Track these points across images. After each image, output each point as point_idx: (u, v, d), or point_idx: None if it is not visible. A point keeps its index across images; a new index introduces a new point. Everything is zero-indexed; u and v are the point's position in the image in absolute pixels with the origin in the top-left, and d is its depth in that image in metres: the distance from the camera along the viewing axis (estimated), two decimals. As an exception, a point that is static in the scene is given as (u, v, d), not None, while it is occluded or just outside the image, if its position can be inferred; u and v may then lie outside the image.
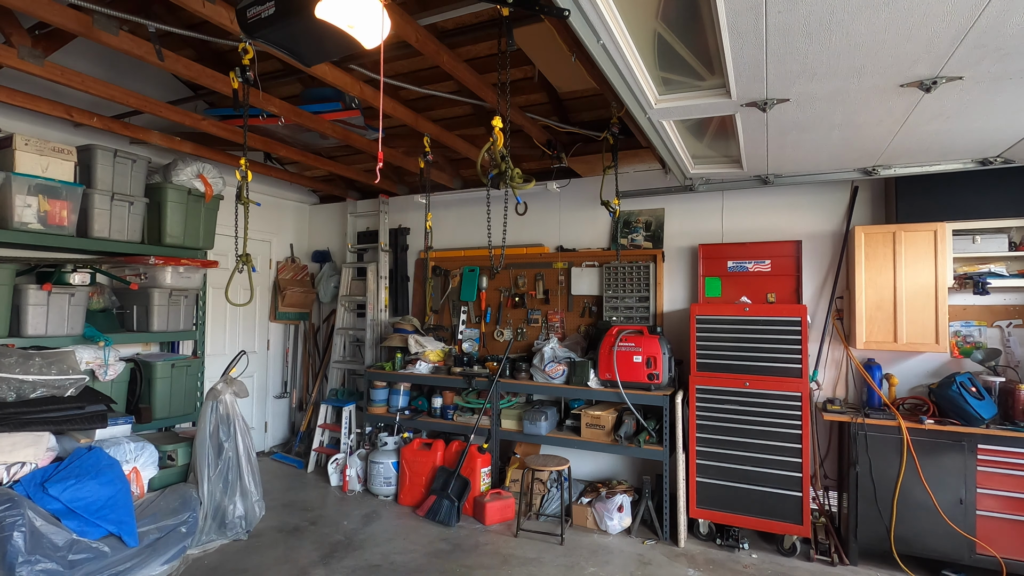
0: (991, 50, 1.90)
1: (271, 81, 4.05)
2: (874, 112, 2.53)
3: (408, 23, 2.67)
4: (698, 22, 1.95)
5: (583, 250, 4.81)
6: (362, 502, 4.41)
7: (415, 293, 5.63)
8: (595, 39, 1.95)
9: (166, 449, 3.58)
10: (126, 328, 4.00)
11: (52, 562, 2.62)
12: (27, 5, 2.38)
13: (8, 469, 2.79)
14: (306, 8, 1.89)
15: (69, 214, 3.41)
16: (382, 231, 5.59)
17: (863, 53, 1.96)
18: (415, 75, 3.88)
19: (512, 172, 2.32)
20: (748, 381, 3.62)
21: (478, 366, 4.56)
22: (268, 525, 3.88)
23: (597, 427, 4.00)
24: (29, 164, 3.26)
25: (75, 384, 3.23)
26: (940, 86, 2.18)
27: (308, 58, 2.35)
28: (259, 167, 4.93)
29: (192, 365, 4.21)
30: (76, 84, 3.08)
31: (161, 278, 4.01)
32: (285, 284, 5.82)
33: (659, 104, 2.55)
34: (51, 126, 3.93)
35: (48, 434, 3.01)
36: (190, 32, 3.07)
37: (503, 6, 2.03)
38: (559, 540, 3.72)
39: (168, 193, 3.97)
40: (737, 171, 3.73)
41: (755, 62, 2.05)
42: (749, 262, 4.17)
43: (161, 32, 2.87)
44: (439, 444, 4.40)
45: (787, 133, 2.88)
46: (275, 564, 3.36)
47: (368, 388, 4.88)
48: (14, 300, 3.30)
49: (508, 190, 2.45)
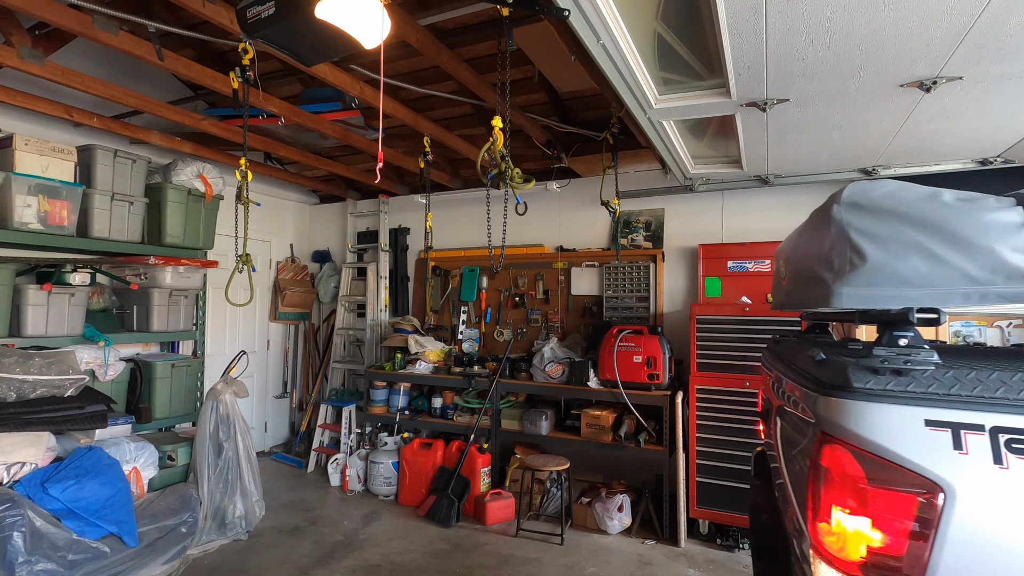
0: (991, 50, 1.89)
1: (271, 81, 4.05)
2: (874, 112, 2.53)
3: (408, 23, 2.67)
4: (698, 22, 1.95)
5: (583, 250, 4.81)
6: (362, 502, 4.41)
7: (415, 293, 5.63)
8: (595, 39, 1.95)
9: (166, 449, 3.58)
10: (126, 328, 4.00)
11: (52, 562, 2.62)
12: (27, 5, 2.38)
13: (8, 469, 2.79)
14: (306, 8, 1.89)
15: (69, 214, 3.41)
16: (382, 231, 5.59)
17: (863, 53, 1.96)
18: (415, 75, 3.89)
19: (512, 172, 2.32)
20: (748, 381, 3.62)
21: (478, 366, 4.56)
22: (268, 525, 3.88)
23: (597, 427, 4.00)
24: (29, 164, 3.26)
25: (75, 384, 3.23)
26: (940, 86, 2.18)
27: (308, 58, 2.36)
28: (259, 167, 4.94)
29: (192, 365, 4.21)
30: (76, 84, 3.08)
31: (161, 278, 4.01)
32: (285, 284, 5.82)
33: (659, 104, 2.55)
34: (51, 126, 3.93)
35: (48, 434, 3.02)
36: (190, 32, 3.07)
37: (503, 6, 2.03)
38: (559, 540, 3.72)
39: (168, 193, 3.96)
40: (737, 171, 3.72)
41: (755, 62, 2.05)
42: (749, 262, 4.17)
43: (161, 32, 2.87)
44: (439, 444, 4.40)
45: (787, 133, 2.88)
46: (275, 564, 3.36)
47: (368, 388, 4.88)
48: (14, 300, 3.30)
49: (508, 190, 2.45)
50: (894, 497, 1.15)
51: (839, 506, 1.21)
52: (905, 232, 1.27)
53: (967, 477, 1.08)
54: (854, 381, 1.23)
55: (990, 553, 1.04)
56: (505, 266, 4.99)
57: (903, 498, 1.14)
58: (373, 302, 5.44)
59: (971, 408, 1.11)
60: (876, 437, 1.17)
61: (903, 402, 1.17)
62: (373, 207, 5.76)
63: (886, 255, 1.28)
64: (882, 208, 1.31)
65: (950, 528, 1.07)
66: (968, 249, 1.22)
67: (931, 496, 1.10)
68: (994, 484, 1.05)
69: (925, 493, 1.11)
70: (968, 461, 1.08)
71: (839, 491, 1.22)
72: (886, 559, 1.14)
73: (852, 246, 1.32)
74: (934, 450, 1.11)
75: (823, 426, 1.26)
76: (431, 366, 4.74)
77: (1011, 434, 1.06)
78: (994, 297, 1.22)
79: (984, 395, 1.11)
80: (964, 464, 1.09)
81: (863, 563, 1.17)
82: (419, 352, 4.74)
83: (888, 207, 1.31)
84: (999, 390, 1.11)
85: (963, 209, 1.25)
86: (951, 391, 1.14)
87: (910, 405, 1.16)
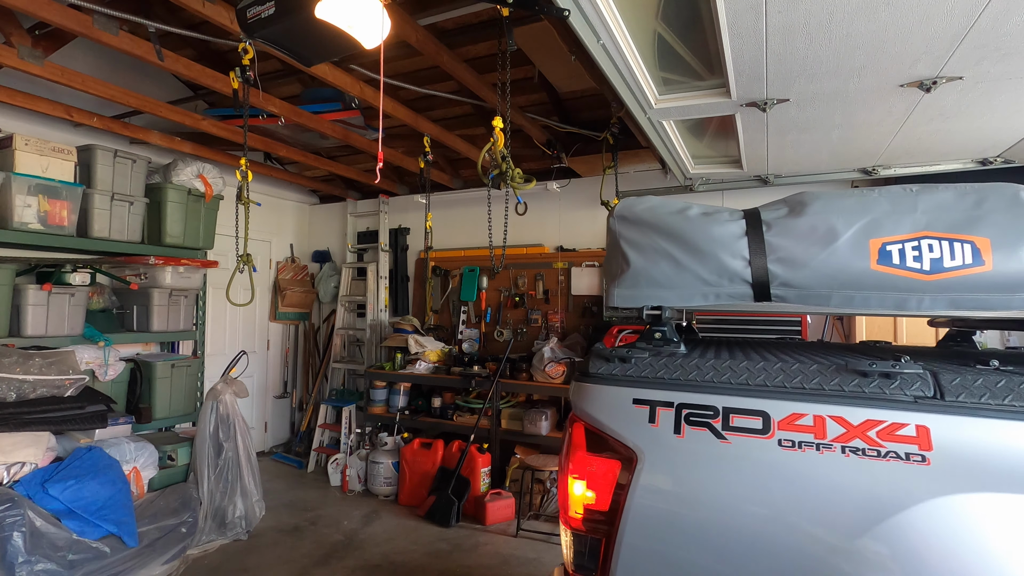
0: (991, 50, 1.89)
1: (271, 81, 4.05)
2: (874, 112, 2.53)
3: (408, 23, 2.67)
4: (698, 22, 1.95)
5: (583, 250, 4.80)
6: (362, 502, 4.41)
7: (415, 293, 5.63)
8: (595, 39, 1.95)
9: (166, 449, 3.58)
10: (126, 328, 4.00)
11: (52, 562, 2.62)
12: (27, 5, 2.38)
13: (8, 469, 2.79)
14: (306, 8, 1.89)
15: (69, 214, 3.41)
16: (382, 231, 5.59)
17: (863, 53, 1.96)
18: (415, 75, 3.88)
19: (513, 172, 2.32)
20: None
21: (478, 366, 4.56)
22: (268, 525, 3.88)
23: (597, 427, 3.99)
24: (29, 164, 3.26)
25: (75, 384, 3.23)
26: (940, 86, 2.18)
27: (308, 58, 2.36)
28: (259, 167, 4.93)
29: (192, 365, 4.21)
30: (76, 84, 3.08)
31: (161, 278, 4.00)
32: (285, 284, 5.82)
33: (659, 104, 2.55)
34: (51, 126, 3.93)
35: (48, 434, 3.01)
36: (190, 32, 3.07)
37: (503, 6, 2.03)
38: (559, 540, 3.71)
39: (168, 193, 3.96)
40: (737, 171, 3.72)
41: (755, 62, 2.05)
42: (749, 262, 4.16)
43: (161, 32, 2.87)
44: (439, 444, 4.40)
45: (787, 133, 2.88)
46: (275, 564, 3.36)
47: (368, 388, 4.88)
48: (14, 300, 3.30)
49: (509, 190, 2.45)
50: (604, 463, 1.40)
51: (572, 474, 1.44)
52: (658, 242, 1.50)
53: (655, 443, 1.34)
54: (590, 367, 1.49)
55: (662, 497, 1.33)
56: (505, 266, 4.99)
57: (610, 463, 1.39)
58: (373, 302, 5.44)
59: (664, 388, 1.38)
60: (597, 413, 1.43)
61: (620, 384, 1.42)
62: (373, 207, 5.76)
63: (644, 261, 1.51)
64: (643, 221, 1.53)
65: (639, 484, 1.34)
66: (701, 256, 1.45)
67: (631, 461, 1.36)
68: (671, 448, 1.33)
69: (626, 458, 1.37)
70: (657, 431, 1.35)
71: (573, 461, 1.45)
72: (595, 514, 1.39)
73: (622, 253, 1.55)
74: (636, 423, 1.37)
75: (572, 406, 1.51)
76: (431, 366, 4.74)
77: (689, 409, 1.34)
78: (724, 296, 1.45)
79: (670, 378, 1.39)
80: (654, 434, 1.35)
81: (583, 519, 1.41)
82: (419, 352, 4.73)
83: (647, 220, 1.53)
84: (676, 373, 1.39)
85: (701, 222, 1.48)
86: (657, 375, 1.40)
87: (625, 387, 1.41)
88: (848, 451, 1.18)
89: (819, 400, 1.24)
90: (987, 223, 1.28)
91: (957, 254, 1.28)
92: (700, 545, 1.28)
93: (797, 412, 1.24)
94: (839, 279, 1.35)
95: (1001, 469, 1.10)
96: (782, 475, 1.22)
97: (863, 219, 1.35)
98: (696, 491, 1.30)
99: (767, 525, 1.22)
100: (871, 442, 1.17)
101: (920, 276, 1.30)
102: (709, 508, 1.28)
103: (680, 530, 1.30)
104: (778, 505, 1.22)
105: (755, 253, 1.40)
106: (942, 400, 1.17)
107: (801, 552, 1.19)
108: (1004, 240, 1.26)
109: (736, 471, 1.26)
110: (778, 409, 1.26)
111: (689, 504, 1.30)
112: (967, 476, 1.10)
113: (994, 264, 1.26)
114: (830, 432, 1.20)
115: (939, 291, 1.29)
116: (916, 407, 1.17)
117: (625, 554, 1.33)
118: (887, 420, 1.17)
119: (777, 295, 1.41)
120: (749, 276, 1.41)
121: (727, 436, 1.28)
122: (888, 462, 1.15)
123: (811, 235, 1.37)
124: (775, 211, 1.45)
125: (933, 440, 1.13)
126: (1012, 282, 1.26)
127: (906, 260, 1.30)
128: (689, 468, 1.31)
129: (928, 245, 1.30)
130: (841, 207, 1.38)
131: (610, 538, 1.36)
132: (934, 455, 1.12)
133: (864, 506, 1.15)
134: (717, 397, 1.32)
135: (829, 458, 1.19)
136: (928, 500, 1.12)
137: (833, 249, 1.34)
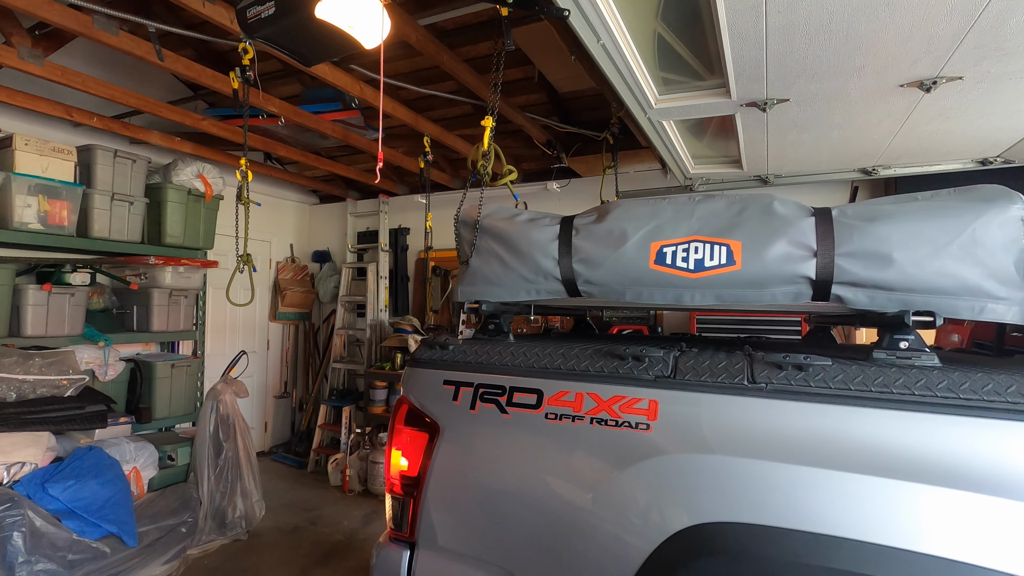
0: (991, 50, 1.89)
1: (271, 81, 4.05)
2: (874, 112, 2.53)
3: (408, 23, 2.67)
4: (698, 22, 1.95)
5: (583, 250, 4.79)
6: (362, 502, 4.40)
7: (415, 293, 5.63)
8: (595, 39, 1.95)
9: (166, 449, 3.58)
10: (126, 328, 4.00)
11: (52, 562, 2.62)
12: (27, 5, 2.38)
13: (8, 469, 2.79)
14: (306, 8, 1.89)
15: (69, 214, 3.41)
16: (382, 231, 5.59)
17: (863, 53, 1.96)
18: (415, 75, 3.88)
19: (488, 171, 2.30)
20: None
21: (478, 366, 4.55)
22: (268, 525, 3.88)
23: (597, 427, 4.00)
24: (29, 164, 3.26)
25: (75, 384, 3.23)
26: (940, 86, 2.18)
27: (308, 58, 2.36)
28: (259, 167, 4.93)
29: (192, 365, 4.21)
30: (76, 84, 3.08)
31: (161, 278, 4.00)
32: (285, 284, 5.82)
33: (659, 104, 2.54)
34: (51, 126, 3.93)
35: (48, 434, 3.02)
36: (190, 32, 3.07)
37: (503, 6, 2.03)
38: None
39: (168, 193, 3.96)
40: (737, 171, 3.72)
41: (755, 62, 2.05)
42: (749, 262, 4.16)
43: (161, 32, 2.87)
44: (439, 444, 4.40)
45: (787, 133, 2.88)
46: (275, 564, 3.36)
47: (368, 388, 4.88)
48: (14, 300, 3.30)
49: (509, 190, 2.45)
50: (416, 435, 1.61)
51: (394, 447, 1.65)
52: (491, 244, 1.71)
53: (454, 417, 1.57)
54: (416, 354, 1.72)
55: (455, 461, 1.55)
56: (505, 266, 4.99)
57: (420, 435, 1.60)
58: (373, 302, 5.44)
59: (469, 371, 1.59)
60: (416, 393, 1.65)
61: (436, 367, 1.64)
62: (373, 207, 5.76)
63: (480, 261, 1.73)
64: (480, 225, 1.74)
65: (439, 451, 1.56)
66: (522, 257, 1.65)
67: (435, 431, 1.58)
68: (467, 421, 1.55)
69: (434, 431, 1.58)
70: (458, 407, 1.56)
71: (394, 435, 1.66)
72: (408, 479, 1.61)
73: (463, 253, 1.78)
74: (443, 401, 1.59)
75: (402, 388, 1.72)
76: (431, 366, 4.73)
77: (485, 388, 1.55)
78: (544, 292, 1.66)
79: (476, 362, 1.60)
80: (455, 409, 1.57)
81: (400, 484, 1.62)
82: (419, 352, 4.73)
83: (484, 224, 1.73)
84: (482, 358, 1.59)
85: (524, 227, 1.68)
86: (466, 360, 1.62)
87: (439, 370, 1.63)
88: (595, 422, 1.39)
89: (582, 380, 1.45)
90: (742, 228, 1.44)
91: (715, 255, 1.44)
92: (480, 500, 1.51)
93: (563, 390, 1.45)
94: (627, 277, 1.53)
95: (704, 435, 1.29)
96: (544, 443, 1.44)
97: (649, 224, 1.52)
98: (481, 456, 1.53)
99: (529, 482, 1.45)
100: (613, 414, 1.37)
101: (686, 274, 1.46)
102: (489, 470, 1.51)
103: (465, 487, 1.53)
104: (539, 467, 1.44)
105: (563, 255, 1.60)
106: (673, 379, 1.36)
107: (554, 503, 1.42)
108: (752, 243, 1.41)
109: (512, 440, 1.49)
110: (550, 387, 1.47)
111: (474, 467, 1.53)
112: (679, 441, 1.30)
113: (743, 264, 1.41)
114: (585, 406, 1.41)
115: (704, 287, 1.46)
116: (654, 384, 1.36)
117: (425, 508, 1.57)
118: (628, 396, 1.37)
119: (583, 291, 1.60)
120: (559, 274, 1.61)
121: (509, 411, 1.50)
122: (622, 431, 1.35)
123: (607, 239, 1.55)
124: (585, 218, 1.63)
125: (660, 412, 1.33)
126: (758, 279, 1.41)
127: (676, 260, 1.47)
128: (479, 438, 1.53)
129: (695, 247, 1.46)
130: (634, 214, 1.55)
131: (416, 498, 1.58)
132: (657, 424, 1.33)
133: (597, 467, 1.38)
134: (507, 378, 1.53)
135: (580, 428, 1.40)
136: (643, 461, 1.32)
137: (623, 251, 1.52)
